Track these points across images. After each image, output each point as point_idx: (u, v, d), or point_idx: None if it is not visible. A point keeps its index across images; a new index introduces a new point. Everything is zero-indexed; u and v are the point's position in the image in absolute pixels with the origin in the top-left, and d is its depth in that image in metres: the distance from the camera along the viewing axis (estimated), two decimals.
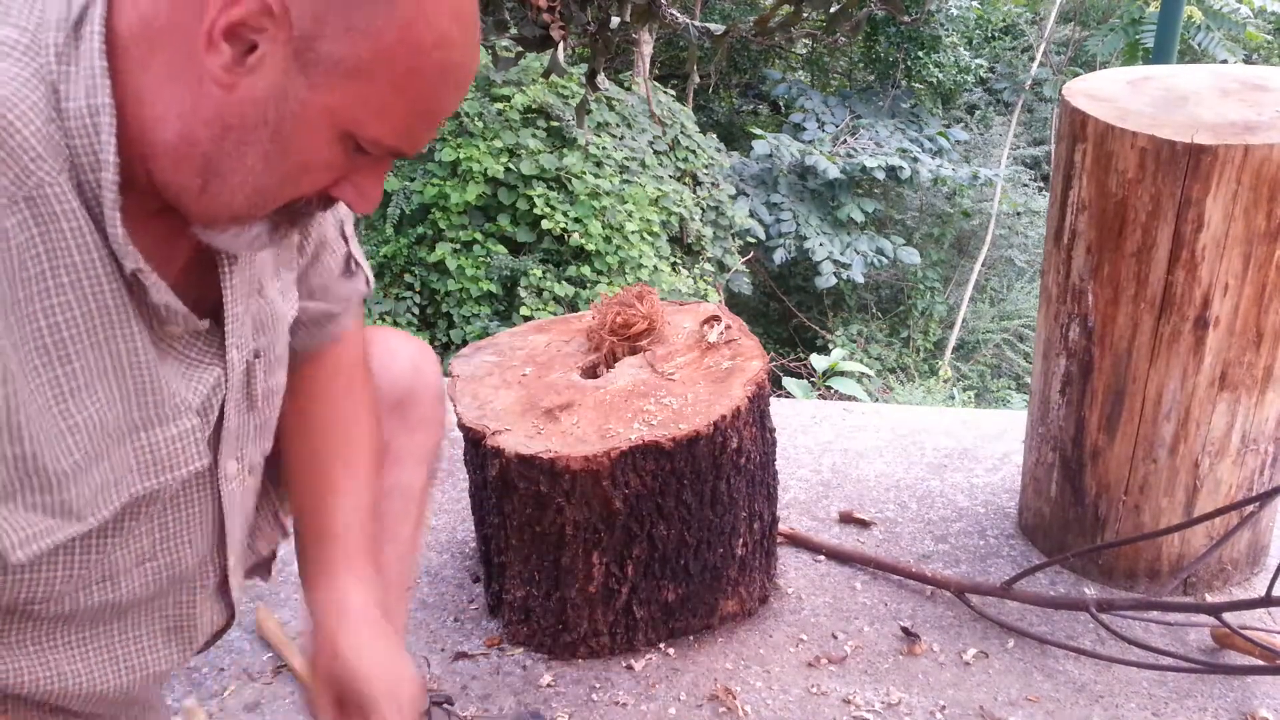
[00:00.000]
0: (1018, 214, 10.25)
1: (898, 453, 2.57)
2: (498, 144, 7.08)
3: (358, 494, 1.15)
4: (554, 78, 7.23)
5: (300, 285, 1.12)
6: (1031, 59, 11.04)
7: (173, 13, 0.75)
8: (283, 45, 0.74)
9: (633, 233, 6.84)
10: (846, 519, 2.31)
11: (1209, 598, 2.03)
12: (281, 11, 0.73)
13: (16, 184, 0.73)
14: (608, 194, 6.95)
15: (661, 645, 1.91)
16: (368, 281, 1.23)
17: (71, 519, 0.85)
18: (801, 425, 2.70)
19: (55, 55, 0.75)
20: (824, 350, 5.50)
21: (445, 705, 1.74)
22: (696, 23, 2.90)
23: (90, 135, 0.76)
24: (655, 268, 6.83)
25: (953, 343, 9.69)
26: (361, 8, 0.74)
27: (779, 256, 8.88)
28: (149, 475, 0.91)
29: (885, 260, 9.12)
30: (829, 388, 4.40)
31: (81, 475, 0.84)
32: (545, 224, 6.60)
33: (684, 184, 7.81)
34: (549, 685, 1.82)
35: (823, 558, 2.17)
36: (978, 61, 10.65)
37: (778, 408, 2.74)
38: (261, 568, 1.27)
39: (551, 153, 7.17)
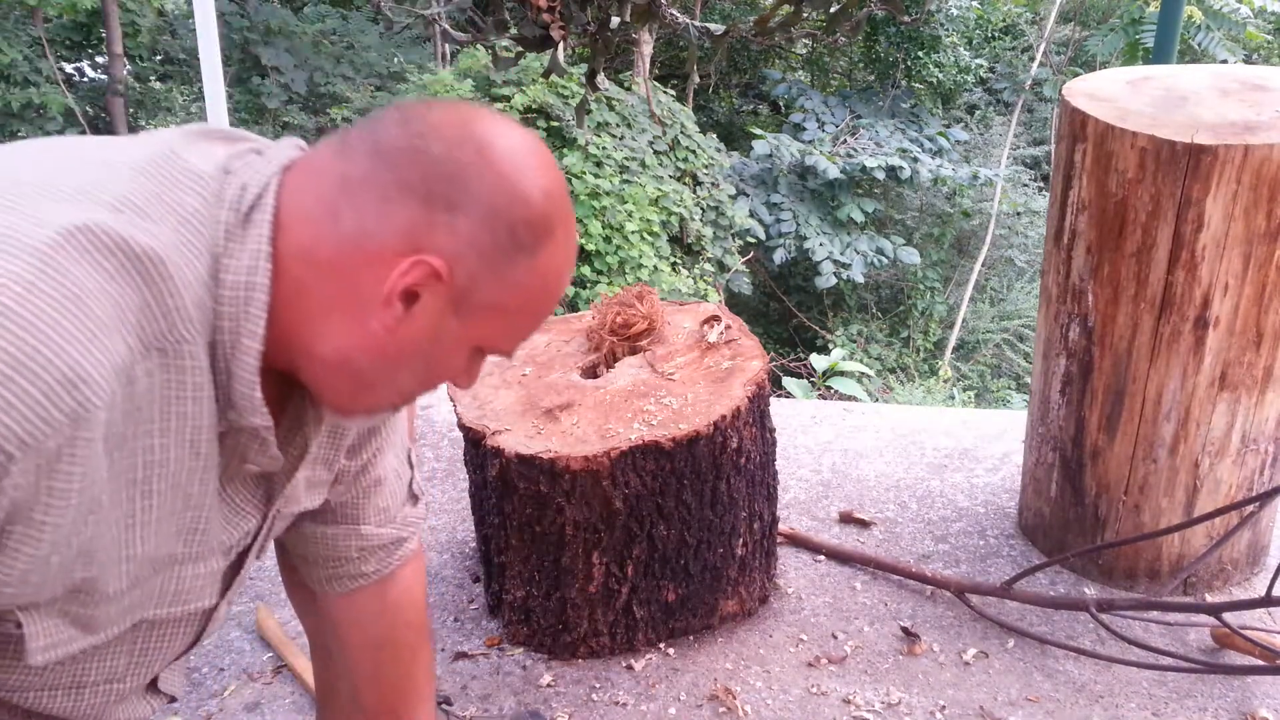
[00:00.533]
0: (1018, 214, 10.26)
1: (898, 453, 2.57)
2: None
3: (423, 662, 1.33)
4: (554, 78, 7.22)
5: (369, 508, 1.22)
6: (1031, 59, 11.04)
7: (337, 255, 0.86)
8: (442, 297, 0.87)
9: (633, 233, 6.84)
10: (846, 519, 2.31)
11: (1209, 598, 2.03)
12: (448, 275, 0.86)
13: (159, 337, 0.81)
14: (608, 194, 6.96)
15: (661, 645, 1.91)
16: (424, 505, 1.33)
17: (90, 633, 0.92)
18: (801, 425, 2.70)
19: (225, 231, 0.85)
20: (824, 350, 5.50)
21: (444, 705, 1.74)
22: (696, 23, 2.89)
23: (240, 306, 0.85)
24: (655, 268, 6.83)
25: (953, 343, 9.69)
26: (510, 266, 0.88)
27: (779, 256, 8.89)
28: (164, 605, 0.97)
29: (885, 260, 9.12)
30: (829, 388, 4.40)
31: (121, 599, 0.91)
32: None
33: (684, 184, 7.81)
34: (549, 685, 1.82)
35: (823, 558, 2.17)
36: (978, 61, 10.66)
37: (778, 408, 2.74)
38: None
39: (552, 153, 7.15)
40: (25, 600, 0.84)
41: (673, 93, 8.77)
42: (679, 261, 7.39)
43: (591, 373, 1.97)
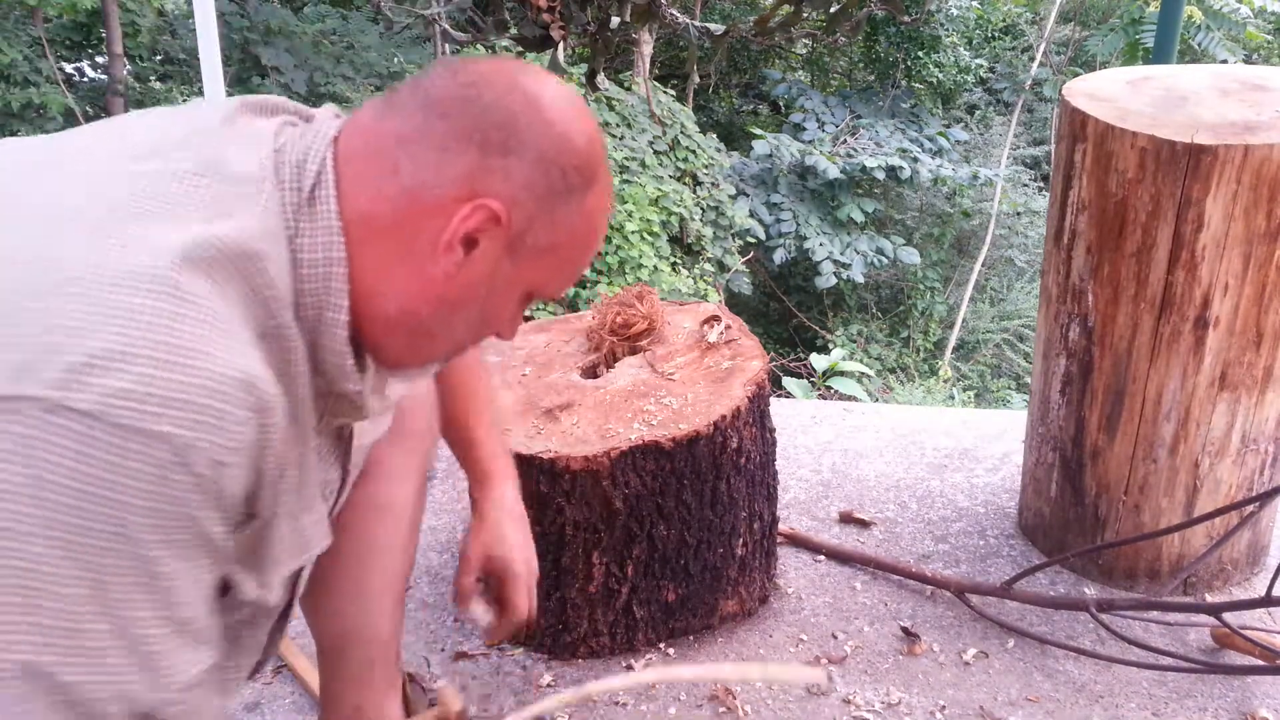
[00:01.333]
0: (1018, 214, 10.25)
1: (898, 453, 2.57)
2: None
3: (491, 420, 1.44)
4: None
5: None
6: (1031, 59, 11.04)
7: (397, 215, 0.90)
8: (500, 241, 0.92)
9: (633, 233, 6.83)
10: (846, 519, 2.31)
11: (1209, 598, 2.03)
12: (505, 218, 0.90)
13: (266, 326, 0.86)
14: None
15: (661, 645, 1.91)
16: None
17: (268, 590, 1.02)
18: (801, 425, 2.70)
19: (292, 212, 0.89)
20: (824, 350, 5.50)
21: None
22: (696, 23, 2.90)
23: (321, 283, 0.90)
24: (655, 268, 6.83)
25: (953, 343, 9.69)
26: (561, 206, 0.93)
27: (779, 256, 8.88)
28: (296, 556, 1.03)
29: (885, 260, 9.11)
30: (829, 388, 4.40)
31: (282, 556, 1.01)
32: None
33: (684, 184, 7.81)
34: (549, 685, 1.82)
35: (823, 558, 2.17)
36: (978, 61, 10.65)
37: (778, 408, 2.74)
38: None
39: None
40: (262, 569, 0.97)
41: (673, 93, 8.77)
42: (679, 261, 7.38)
43: (591, 373, 1.97)
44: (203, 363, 0.78)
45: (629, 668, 1.86)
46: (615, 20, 2.75)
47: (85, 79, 9.33)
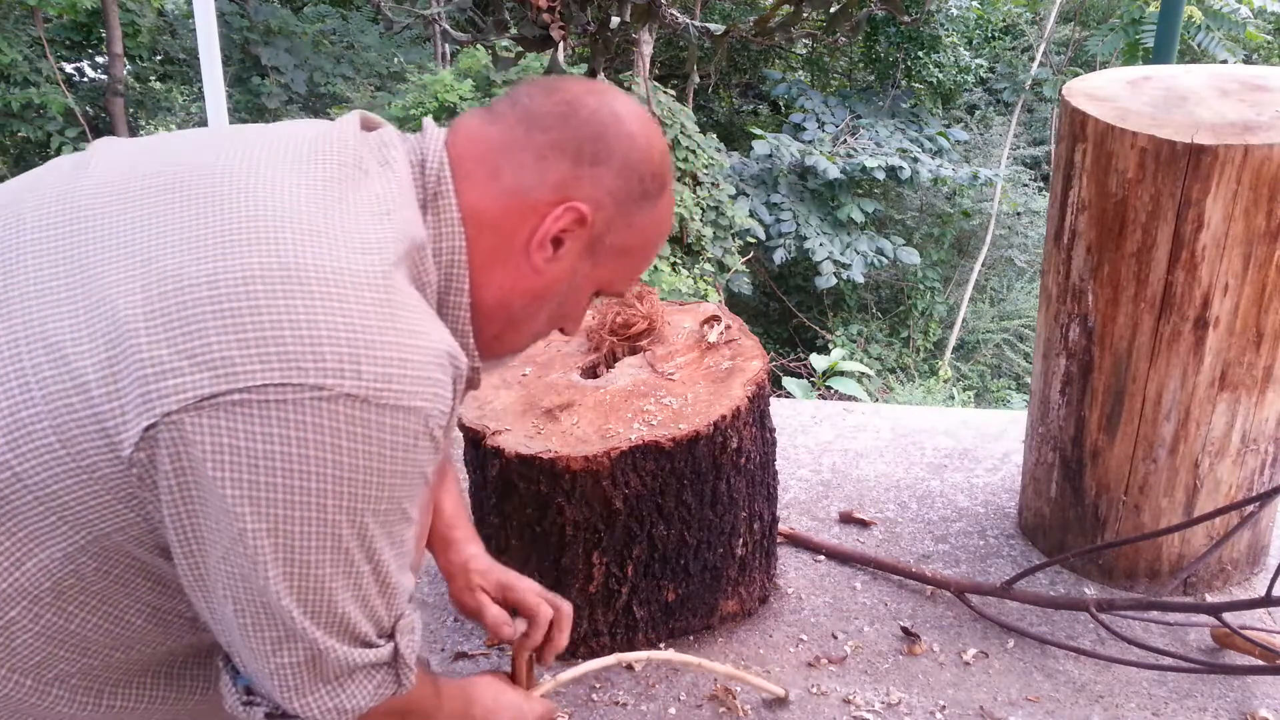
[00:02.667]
0: (1018, 214, 10.24)
1: (898, 453, 2.57)
2: None
3: (453, 495, 1.47)
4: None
5: None
6: (1031, 59, 11.03)
7: (499, 214, 1.01)
8: (583, 241, 1.04)
9: None
10: (846, 519, 2.31)
11: (1209, 598, 2.03)
12: (591, 221, 1.02)
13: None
14: None
15: (661, 645, 1.91)
16: None
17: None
18: (801, 425, 2.70)
19: (421, 206, 0.99)
20: (824, 350, 5.49)
21: None
22: (696, 23, 2.90)
23: (449, 270, 1.00)
24: (655, 268, 6.82)
25: (953, 343, 9.68)
26: (637, 211, 1.06)
27: (779, 256, 8.87)
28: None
29: (885, 260, 9.11)
30: (829, 388, 4.40)
31: None
32: None
33: (684, 184, 7.80)
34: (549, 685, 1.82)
35: (823, 558, 2.17)
36: (978, 61, 10.64)
37: (778, 408, 2.74)
38: None
39: None
40: None
41: (673, 93, 8.76)
42: (679, 261, 7.38)
43: (591, 373, 1.97)
44: (426, 342, 0.90)
45: (629, 668, 1.86)
46: (615, 20, 2.75)
47: (85, 79, 9.33)
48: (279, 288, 0.86)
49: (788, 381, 4.38)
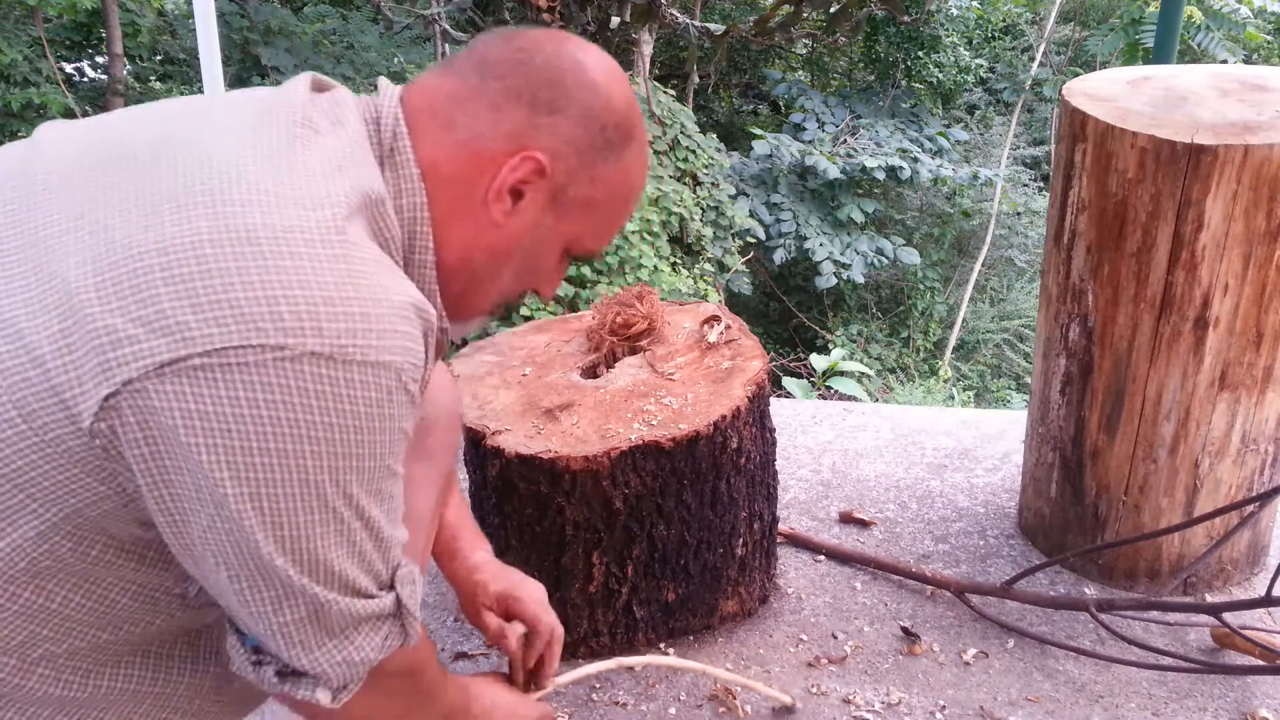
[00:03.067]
0: (1018, 214, 10.24)
1: (898, 453, 2.57)
2: None
3: (456, 502, 1.47)
4: None
5: None
6: (1031, 59, 11.02)
7: (455, 167, 0.98)
8: (544, 193, 1.00)
9: (632, 233, 6.83)
10: (846, 519, 2.31)
11: (1209, 598, 2.03)
12: (550, 169, 0.99)
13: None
14: None
15: (661, 645, 1.91)
16: None
17: None
18: (801, 425, 2.70)
19: (379, 162, 0.97)
20: (824, 350, 5.50)
21: None
22: (696, 23, 2.90)
23: (412, 227, 0.98)
24: (655, 268, 6.82)
25: (953, 343, 9.68)
26: (601, 162, 1.02)
27: (779, 256, 8.87)
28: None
29: (885, 260, 9.10)
30: (829, 388, 4.40)
31: None
32: None
33: (684, 184, 7.80)
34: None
35: (823, 558, 2.17)
36: (978, 61, 10.64)
37: (778, 408, 2.74)
38: None
39: None
40: None
41: (673, 93, 8.75)
42: (679, 261, 7.37)
43: (591, 373, 1.97)
44: (388, 295, 0.88)
45: (629, 668, 1.86)
46: (615, 20, 2.75)
47: (85, 79, 9.33)
48: (229, 249, 0.84)
49: (788, 381, 4.38)
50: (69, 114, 7.86)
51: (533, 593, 1.39)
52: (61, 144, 0.97)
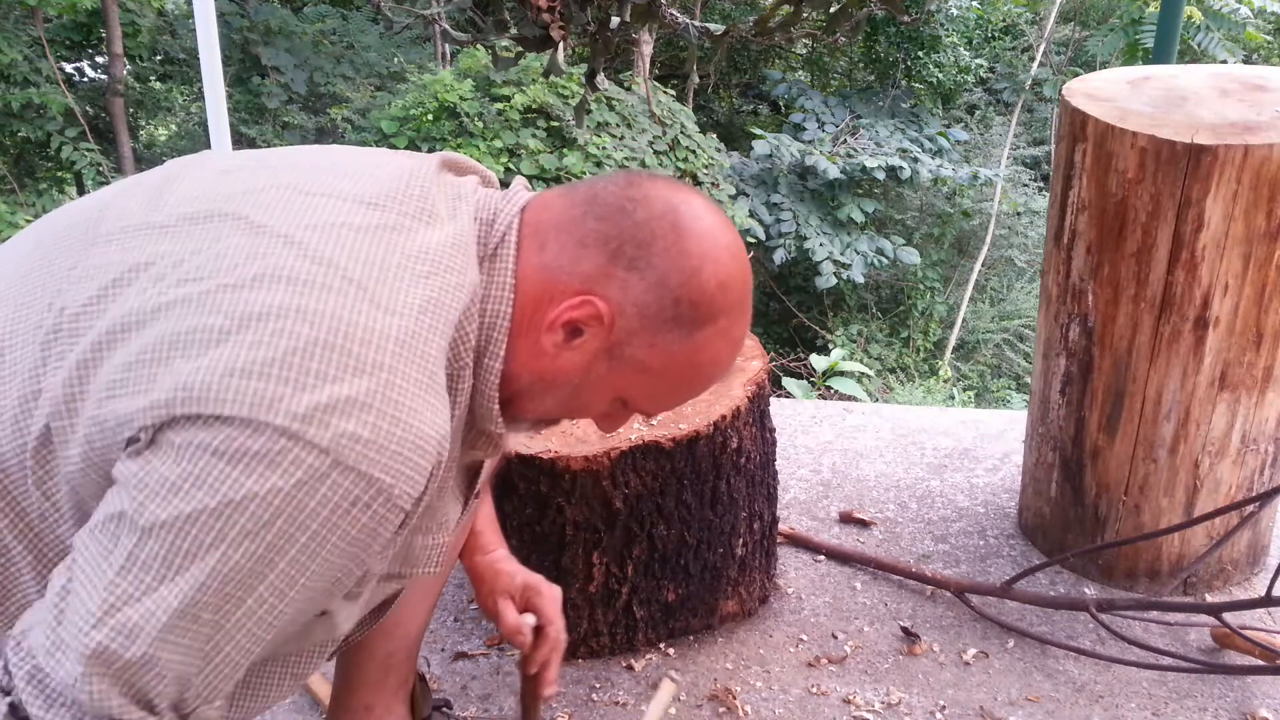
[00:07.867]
0: (1018, 214, 10.24)
1: (898, 453, 2.57)
2: (498, 144, 7.08)
3: (486, 506, 1.50)
4: (554, 78, 7.21)
5: None
6: (1031, 59, 11.03)
7: (532, 286, 1.01)
8: (601, 340, 1.00)
9: None
10: (846, 519, 2.31)
11: (1209, 598, 2.03)
12: (610, 321, 0.99)
13: (454, 364, 0.99)
14: None
15: (661, 645, 1.91)
16: None
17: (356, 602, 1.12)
18: (801, 425, 2.70)
19: (477, 264, 1.00)
20: (824, 350, 5.50)
21: (444, 709, 1.74)
22: (696, 23, 2.89)
23: (491, 333, 1.01)
24: None
25: (953, 343, 9.69)
26: (665, 333, 1.00)
27: (779, 256, 8.87)
28: (396, 566, 1.13)
29: (885, 260, 9.10)
30: (829, 388, 4.40)
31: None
32: None
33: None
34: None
35: (823, 558, 2.17)
36: (978, 61, 10.64)
37: (778, 408, 2.74)
38: None
39: (551, 153, 7.17)
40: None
41: (673, 93, 8.77)
42: None
43: None
44: (418, 421, 0.90)
45: (629, 668, 1.86)
46: (615, 20, 2.75)
47: (85, 79, 9.33)
48: (288, 328, 0.87)
49: (788, 381, 4.38)
50: (69, 114, 7.86)
51: (554, 593, 1.40)
52: (192, 191, 1.02)
